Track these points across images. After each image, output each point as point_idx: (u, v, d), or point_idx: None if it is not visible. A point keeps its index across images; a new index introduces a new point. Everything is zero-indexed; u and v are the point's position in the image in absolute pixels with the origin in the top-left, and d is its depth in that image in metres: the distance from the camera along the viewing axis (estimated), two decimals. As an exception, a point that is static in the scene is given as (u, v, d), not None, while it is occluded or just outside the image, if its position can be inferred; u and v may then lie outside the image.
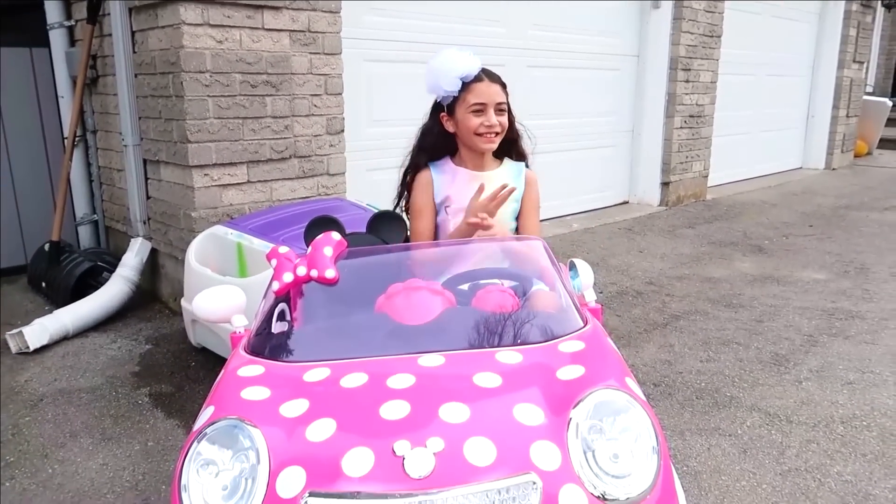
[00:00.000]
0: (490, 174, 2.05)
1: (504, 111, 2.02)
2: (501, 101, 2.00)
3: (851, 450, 2.24)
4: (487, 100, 1.97)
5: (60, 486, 2.15)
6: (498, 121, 1.99)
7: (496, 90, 1.99)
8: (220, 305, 1.66)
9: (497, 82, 2.02)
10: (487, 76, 2.01)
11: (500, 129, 2.01)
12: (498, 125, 1.99)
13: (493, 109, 1.98)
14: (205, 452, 1.21)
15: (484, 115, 1.97)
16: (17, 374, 2.89)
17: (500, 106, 2.00)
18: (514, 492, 1.10)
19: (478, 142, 2.01)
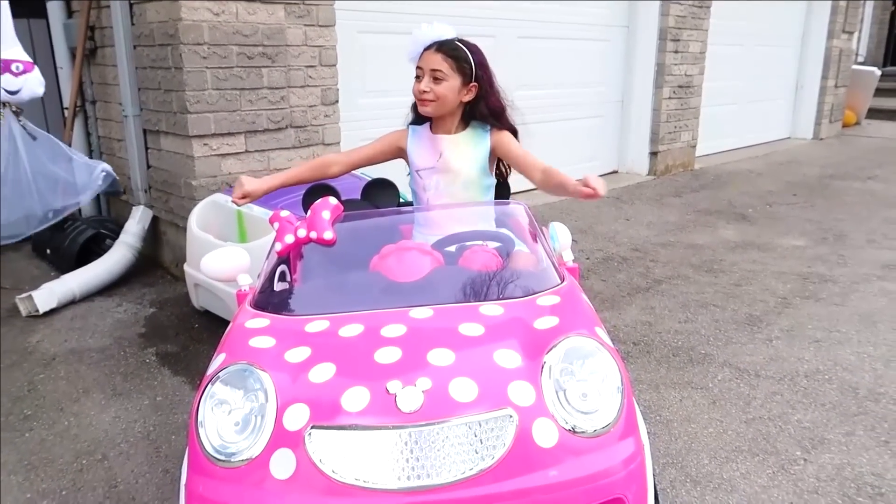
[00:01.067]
0: (448, 137, 2.16)
1: (441, 80, 2.06)
2: (436, 68, 2.05)
3: (812, 400, 2.41)
4: (424, 66, 2.07)
5: (77, 437, 2.31)
6: (430, 87, 2.06)
7: (435, 59, 2.05)
8: (226, 265, 1.80)
9: (442, 52, 2.06)
10: (437, 46, 2.07)
11: (433, 95, 2.07)
12: (430, 92, 2.07)
13: (429, 77, 2.07)
14: (219, 393, 1.35)
15: (419, 82, 2.09)
16: (29, 336, 3.03)
17: (434, 73, 2.06)
18: (492, 424, 1.25)
19: (419, 106, 2.13)
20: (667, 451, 2.12)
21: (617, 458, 1.30)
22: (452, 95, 2.11)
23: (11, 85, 2.72)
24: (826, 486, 1.94)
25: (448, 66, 2.08)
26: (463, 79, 2.11)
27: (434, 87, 2.09)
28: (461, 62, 2.10)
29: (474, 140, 2.21)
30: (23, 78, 2.75)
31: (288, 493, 1.22)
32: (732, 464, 2.05)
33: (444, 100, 2.11)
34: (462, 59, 2.11)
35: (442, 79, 2.08)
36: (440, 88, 2.09)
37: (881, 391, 2.46)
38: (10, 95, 2.74)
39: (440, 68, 2.08)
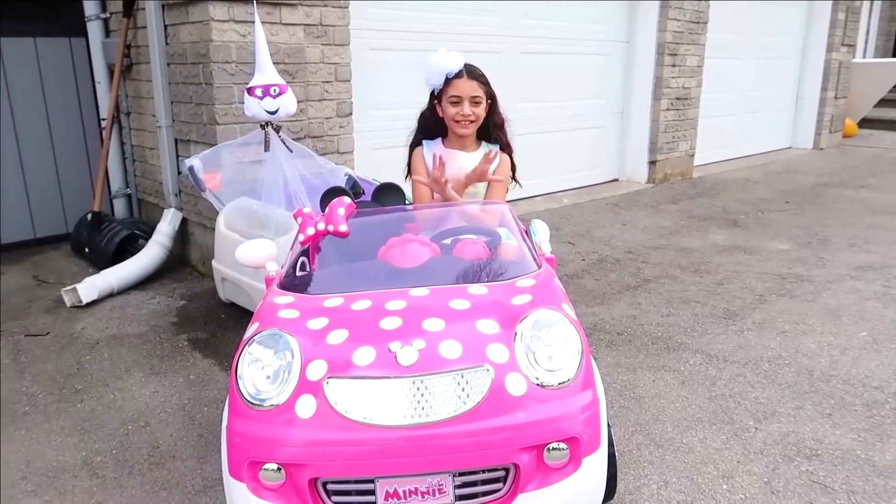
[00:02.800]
0: (465, 154, 2.50)
1: (479, 103, 2.44)
2: (476, 94, 2.43)
3: (770, 381, 2.70)
4: (463, 93, 2.42)
5: (122, 407, 2.64)
6: (471, 111, 2.43)
7: (473, 86, 2.43)
8: (258, 254, 2.13)
9: (476, 79, 2.44)
10: (468, 73, 2.44)
11: (474, 117, 2.45)
12: (472, 115, 2.44)
13: (468, 101, 2.43)
14: (254, 352, 1.67)
15: (460, 106, 2.42)
16: (74, 323, 3.38)
17: (474, 99, 2.43)
18: (473, 375, 1.56)
19: (455, 127, 2.46)
20: (637, 421, 2.42)
21: (574, 407, 1.61)
22: (482, 114, 2.50)
23: (271, 106, 3.06)
24: (770, 448, 2.23)
25: (482, 90, 2.47)
26: (487, 99, 2.48)
27: (474, 110, 2.45)
28: (487, 85, 2.50)
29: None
30: (280, 99, 3.07)
31: (310, 428, 1.54)
32: (692, 431, 2.35)
33: (480, 119, 2.50)
34: (486, 82, 2.50)
35: (479, 102, 2.47)
36: (479, 110, 2.47)
37: (833, 374, 2.75)
38: (270, 115, 3.08)
39: (478, 94, 2.46)
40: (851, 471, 2.11)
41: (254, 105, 3.12)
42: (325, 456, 1.54)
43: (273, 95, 3.10)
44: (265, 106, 3.09)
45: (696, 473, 2.11)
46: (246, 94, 3.16)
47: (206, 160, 3.40)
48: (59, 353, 3.07)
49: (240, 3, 3.51)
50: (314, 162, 3.53)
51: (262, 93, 3.10)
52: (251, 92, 3.15)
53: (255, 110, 3.13)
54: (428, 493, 1.57)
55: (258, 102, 3.11)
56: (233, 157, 3.43)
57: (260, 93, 3.11)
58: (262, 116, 3.15)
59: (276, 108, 3.10)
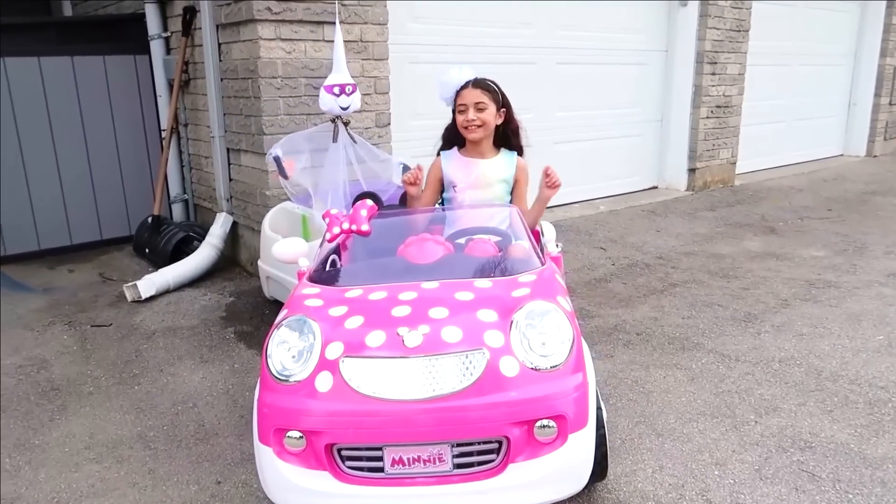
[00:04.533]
0: (483, 161, 2.69)
1: (483, 109, 2.61)
2: (479, 101, 2.61)
3: (778, 380, 2.80)
4: (468, 101, 2.62)
5: (174, 391, 2.93)
6: (476, 116, 2.61)
7: (476, 93, 2.61)
8: (291, 251, 2.37)
9: (479, 87, 2.62)
10: (473, 84, 2.63)
11: (480, 122, 2.62)
12: (476, 119, 2.62)
13: (472, 108, 2.61)
14: (282, 335, 1.91)
15: (465, 113, 2.62)
16: (134, 316, 3.71)
17: (478, 105, 2.61)
18: (471, 357, 1.76)
19: (465, 133, 2.67)
20: (642, 413, 2.57)
21: (563, 388, 1.79)
22: (492, 119, 2.69)
23: (345, 103, 3.39)
24: (767, 440, 2.35)
25: (486, 97, 2.65)
26: (496, 106, 2.67)
27: (479, 115, 2.64)
28: (493, 93, 2.68)
29: (505, 163, 2.75)
30: (352, 96, 3.39)
31: (327, 401, 1.76)
32: (694, 423, 2.48)
33: (488, 124, 2.68)
34: (493, 90, 2.69)
35: (484, 108, 2.65)
36: (484, 115, 2.65)
37: (842, 374, 2.83)
38: (342, 110, 3.40)
39: (481, 100, 2.64)
40: (841, 462, 2.20)
41: (330, 101, 3.39)
42: (340, 425, 1.76)
43: (347, 93, 3.39)
44: (340, 102, 3.38)
45: (691, 460, 2.25)
46: (323, 90, 3.43)
47: (285, 148, 3.60)
48: (120, 342, 3.39)
49: (286, 23, 3.80)
50: (372, 153, 3.78)
51: (339, 91, 3.39)
52: (329, 89, 3.41)
53: (330, 105, 3.40)
54: (429, 461, 1.77)
55: (335, 99, 3.38)
56: (305, 146, 3.67)
57: (337, 90, 3.39)
58: (335, 111, 3.43)
59: (348, 104, 3.39)
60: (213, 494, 2.22)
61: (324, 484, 1.78)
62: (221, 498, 2.20)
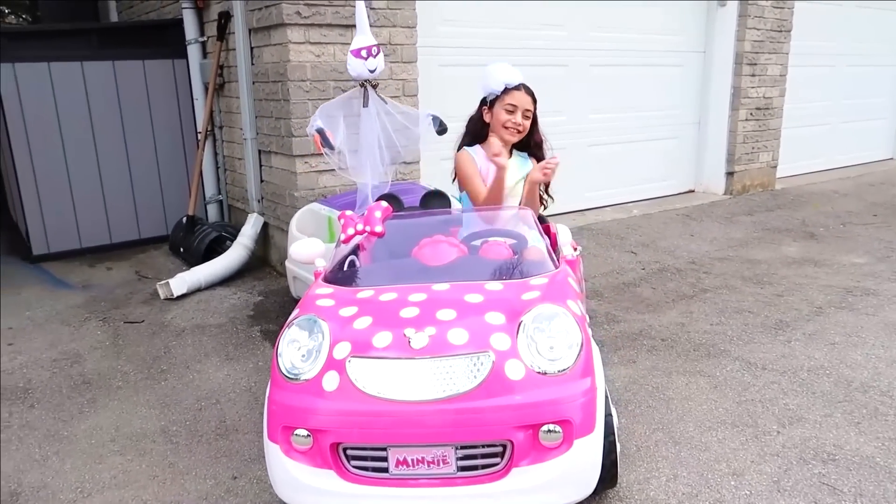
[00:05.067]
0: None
1: (529, 117, 2.67)
2: (529, 108, 2.67)
3: (805, 389, 2.72)
4: (519, 104, 2.66)
5: (198, 387, 2.99)
6: (522, 122, 2.66)
7: (528, 100, 2.66)
8: (308, 251, 2.40)
9: (530, 95, 2.67)
10: (524, 88, 2.67)
11: (522, 128, 2.68)
12: (521, 125, 2.67)
13: (521, 113, 2.65)
14: (293, 334, 1.93)
15: (513, 115, 2.65)
16: (166, 314, 3.81)
17: (526, 112, 2.66)
18: (475, 359, 1.75)
19: (503, 133, 2.67)
20: (661, 420, 2.52)
21: (569, 392, 1.77)
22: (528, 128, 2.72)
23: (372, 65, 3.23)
24: (788, 451, 2.28)
25: (533, 107, 2.71)
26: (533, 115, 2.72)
27: (525, 123, 2.69)
28: (535, 101, 2.73)
29: (520, 164, 2.77)
30: (378, 58, 3.26)
31: (333, 400, 1.78)
32: (713, 432, 2.42)
33: (526, 131, 2.73)
34: (535, 99, 2.73)
35: (529, 116, 2.71)
36: (527, 123, 2.69)
37: (873, 385, 2.73)
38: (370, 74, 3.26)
39: (530, 108, 2.71)
40: (865, 476, 2.13)
41: (359, 65, 3.27)
42: (345, 424, 1.78)
43: (374, 55, 3.26)
44: (368, 66, 3.25)
45: (707, 470, 2.20)
46: (350, 55, 3.31)
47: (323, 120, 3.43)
48: (150, 339, 3.48)
49: (315, 26, 3.85)
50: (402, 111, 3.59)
51: (367, 53, 3.26)
52: (356, 53, 3.29)
53: (360, 70, 3.28)
54: (433, 463, 1.77)
55: (363, 63, 3.25)
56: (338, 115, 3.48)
57: (364, 54, 3.26)
58: (365, 75, 3.30)
59: (375, 66, 3.27)
60: (228, 489, 2.26)
61: (329, 483, 1.80)
62: (236, 493, 2.24)
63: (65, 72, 4.71)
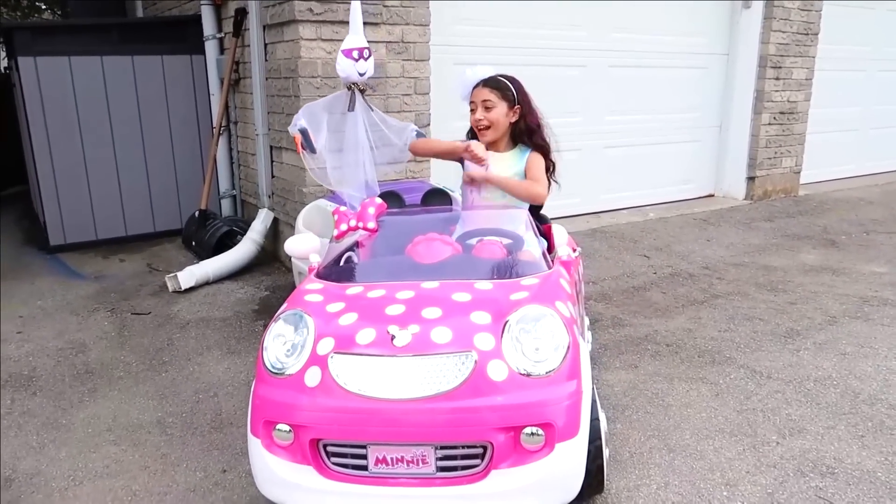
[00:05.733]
0: (495, 155, 2.65)
1: (490, 108, 2.59)
2: (486, 98, 2.60)
3: (810, 400, 2.64)
4: (476, 100, 2.62)
5: (198, 379, 3.01)
6: (483, 116, 2.61)
7: (484, 92, 2.60)
8: (303, 247, 2.39)
9: (489, 86, 2.61)
10: (483, 82, 2.62)
11: (487, 122, 2.61)
12: (483, 119, 2.61)
13: (481, 107, 2.60)
14: (279, 329, 1.93)
15: (475, 113, 2.62)
16: (172, 306, 3.84)
17: (485, 103, 2.60)
18: (457, 359, 1.73)
19: (477, 133, 2.64)
20: (657, 426, 2.47)
21: (552, 395, 1.74)
22: (503, 118, 2.65)
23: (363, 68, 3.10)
24: (786, 463, 2.21)
25: (495, 95, 2.62)
26: (508, 104, 2.63)
27: (486, 115, 2.62)
28: (504, 90, 2.64)
29: (516, 157, 2.71)
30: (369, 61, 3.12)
31: (314, 395, 1.77)
32: (710, 440, 2.37)
33: (497, 123, 2.64)
34: (504, 88, 2.64)
35: (491, 106, 2.62)
36: (492, 114, 2.62)
37: (881, 398, 2.64)
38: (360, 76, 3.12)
39: (489, 98, 2.62)
40: (864, 491, 2.06)
41: (349, 66, 3.11)
42: (325, 420, 1.76)
43: (365, 58, 3.12)
44: (358, 68, 3.10)
45: (700, 479, 2.14)
46: (341, 55, 3.14)
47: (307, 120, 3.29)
48: (155, 330, 3.51)
49: (327, 23, 3.85)
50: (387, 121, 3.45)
51: (358, 55, 3.11)
52: (348, 54, 3.13)
53: (349, 71, 3.11)
54: (413, 462, 1.75)
55: (353, 64, 3.10)
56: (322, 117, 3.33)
57: (356, 55, 3.11)
58: (353, 77, 3.15)
59: (365, 70, 3.13)
60: (216, 482, 2.26)
61: (307, 479, 1.79)
62: (224, 486, 2.25)
63: (85, 66, 4.78)
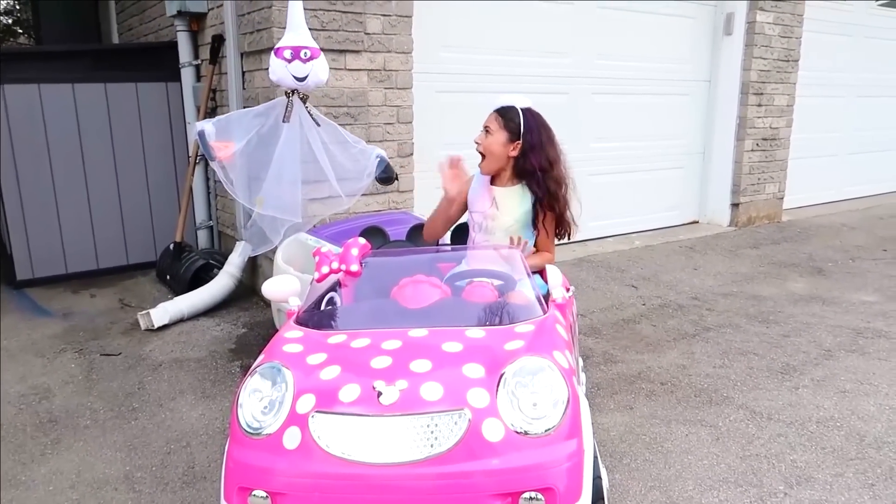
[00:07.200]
0: (500, 189, 2.55)
1: (489, 133, 2.51)
2: (488, 124, 2.52)
3: (814, 444, 2.53)
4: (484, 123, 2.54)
5: (169, 427, 2.83)
6: (480, 139, 2.53)
7: (490, 117, 2.53)
8: (281, 289, 2.24)
9: (496, 112, 2.53)
10: (497, 109, 2.54)
11: (482, 147, 2.52)
12: (480, 144, 2.53)
13: (482, 131, 2.54)
14: (255, 384, 1.78)
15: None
16: (144, 346, 3.65)
17: (486, 128, 2.53)
18: (449, 418, 1.59)
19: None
20: (658, 476, 2.34)
21: (553, 456, 1.60)
22: (497, 148, 2.52)
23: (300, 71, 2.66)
24: (795, 516, 2.10)
25: (497, 123, 2.52)
26: (509, 135, 2.51)
27: (482, 140, 2.52)
28: (508, 120, 2.51)
29: (520, 196, 2.57)
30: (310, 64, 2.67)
31: (293, 460, 1.62)
32: (714, 492, 2.24)
33: (490, 151, 2.53)
34: (509, 117, 2.51)
35: (490, 133, 2.52)
36: (486, 140, 2.52)
37: (888, 440, 2.54)
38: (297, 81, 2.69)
39: (490, 125, 2.53)
40: (881, 548, 1.95)
41: (280, 68, 2.69)
42: (305, 487, 1.61)
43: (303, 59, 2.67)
44: (293, 70, 2.67)
45: (708, 536, 2.02)
46: (273, 55, 2.72)
47: (220, 127, 2.95)
48: (125, 373, 3.33)
49: (307, 51, 3.73)
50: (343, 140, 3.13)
51: (292, 55, 2.66)
52: (278, 53, 2.69)
53: (280, 74, 2.70)
54: (401, 533, 1.60)
55: (285, 66, 2.67)
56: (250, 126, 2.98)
57: (289, 55, 2.66)
58: (287, 82, 2.71)
59: (305, 73, 2.68)
60: (187, 547, 2.09)
61: (286, 551, 1.63)
62: (195, 552, 2.07)
63: (55, 94, 4.61)
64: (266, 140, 2.86)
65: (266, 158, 2.91)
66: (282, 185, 2.84)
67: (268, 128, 2.89)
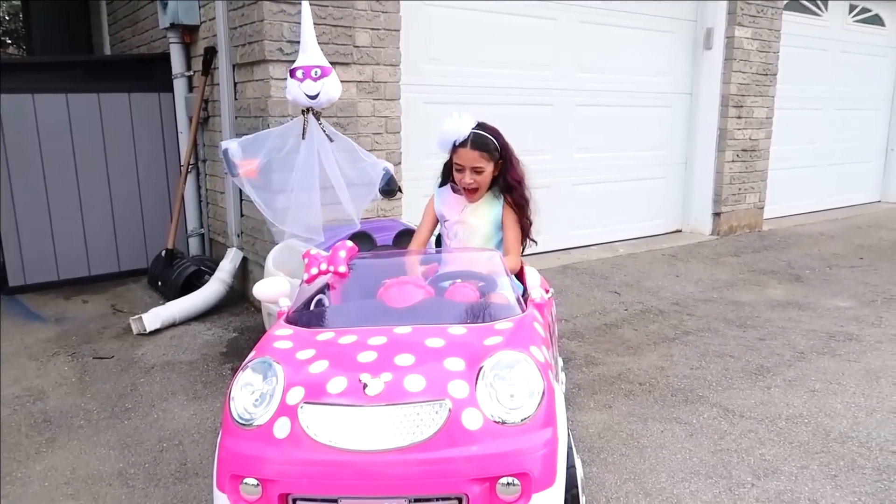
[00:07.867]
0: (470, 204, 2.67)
1: (481, 172, 2.57)
2: (477, 165, 2.56)
3: (782, 439, 2.65)
4: (465, 163, 2.59)
5: (162, 426, 2.91)
6: (473, 179, 2.59)
7: (474, 156, 2.55)
8: (272, 291, 2.34)
9: (478, 149, 2.55)
10: (472, 143, 2.55)
11: (476, 185, 2.60)
12: (473, 183, 2.60)
13: (470, 172, 2.58)
14: (246, 378, 1.87)
15: (462, 174, 2.59)
16: (137, 349, 3.73)
17: (476, 169, 2.57)
18: (430, 408, 1.69)
19: (467, 195, 2.65)
20: (633, 469, 2.45)
21: (528, 444, 1.70)
22: (489, 177, 2.65)
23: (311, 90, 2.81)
24: (761, 505, 2.20)
25: (484, 159, 2.60)
26: (494, 163, 2.63)
27: (477, 179, 2.61)
28: (491, 151, 2.61)
29: (490, 203, 2.70)
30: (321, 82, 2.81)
31: (283, 448, 1.71)
32: (686, 483, 2.35)
33: (485, 184, 2.65)
34: (491, 149, 2.61)
35: (481, 171, 2.61)
36: (481, 178, 2.62)
37: (852, 435, 2.66)
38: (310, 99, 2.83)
39: (479, 165, 2.59)
40: (840, 533, 2.06)
41: (294, 88, 2.87)
42: (294, 474, 1.70)
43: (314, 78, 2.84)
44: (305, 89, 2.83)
45: (678, 524, 2.12)
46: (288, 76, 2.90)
47: (245, 146, 3.13)
48: (118, 375, 3.40)
49: (297, 63, 3.85)
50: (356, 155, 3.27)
51: (303, 74, 2.83)
52: (292, 74, 2.89)
53: (295, 93, 2.88)
54: (386, 516, 1.69)
55: (298, 85, 2.85)
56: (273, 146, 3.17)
57: (301, 74, 2.83)
58: (301, 101, 2.88)
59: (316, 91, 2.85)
60: (180, 538, 2.17)
61: (276, 535, 1.72)
62: (188, 542, 2.15)
63: (49, 103, 4.70)
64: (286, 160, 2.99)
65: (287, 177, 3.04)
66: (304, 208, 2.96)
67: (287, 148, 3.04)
